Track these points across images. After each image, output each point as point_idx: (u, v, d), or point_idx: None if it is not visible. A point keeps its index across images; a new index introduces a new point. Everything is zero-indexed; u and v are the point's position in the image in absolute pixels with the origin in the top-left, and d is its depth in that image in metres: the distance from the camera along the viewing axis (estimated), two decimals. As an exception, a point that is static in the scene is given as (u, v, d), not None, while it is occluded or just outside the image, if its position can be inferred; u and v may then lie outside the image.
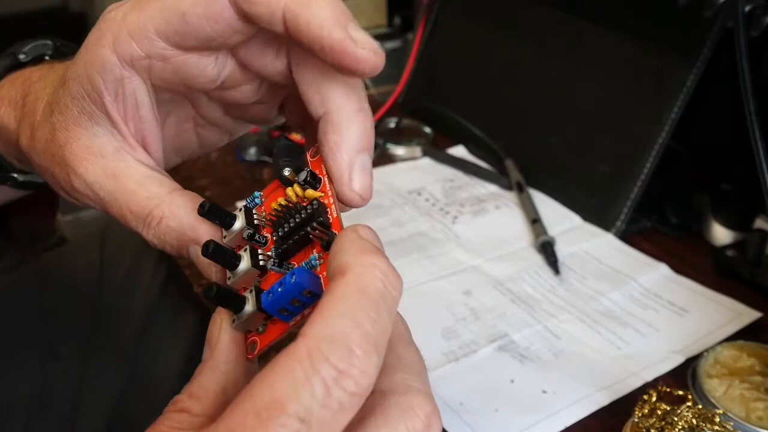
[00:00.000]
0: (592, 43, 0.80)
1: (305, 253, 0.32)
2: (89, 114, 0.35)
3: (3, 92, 0.42)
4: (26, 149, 0.39)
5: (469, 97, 0.92)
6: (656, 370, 0.56)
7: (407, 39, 1.11)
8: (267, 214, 0.34)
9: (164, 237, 0.35)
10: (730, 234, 0.70)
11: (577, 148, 0.79)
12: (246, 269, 0.32)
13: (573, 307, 0.64)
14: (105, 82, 0.34)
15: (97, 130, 0.36)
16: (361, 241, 0.28)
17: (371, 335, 0.25)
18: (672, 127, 0.71)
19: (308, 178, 0.33)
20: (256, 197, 0.35)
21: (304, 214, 0.32)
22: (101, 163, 0.36)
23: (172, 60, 0.34)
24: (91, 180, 0.36)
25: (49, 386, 0.63)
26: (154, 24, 0.33)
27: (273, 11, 0.32)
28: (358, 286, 0.26)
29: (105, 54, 0.34)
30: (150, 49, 0.34)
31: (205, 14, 0.32)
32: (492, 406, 0.53)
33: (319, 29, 0.31)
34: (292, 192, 0.33)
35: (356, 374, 0.25)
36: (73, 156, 0.36)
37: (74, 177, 0.36)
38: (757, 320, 0.61)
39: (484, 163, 0.86)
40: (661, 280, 0.67)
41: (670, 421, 0.46)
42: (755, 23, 0.64)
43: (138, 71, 0.35)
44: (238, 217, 0.34)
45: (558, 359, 0.58)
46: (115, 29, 0.34)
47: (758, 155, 0.61)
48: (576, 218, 0.76)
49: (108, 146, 0.36)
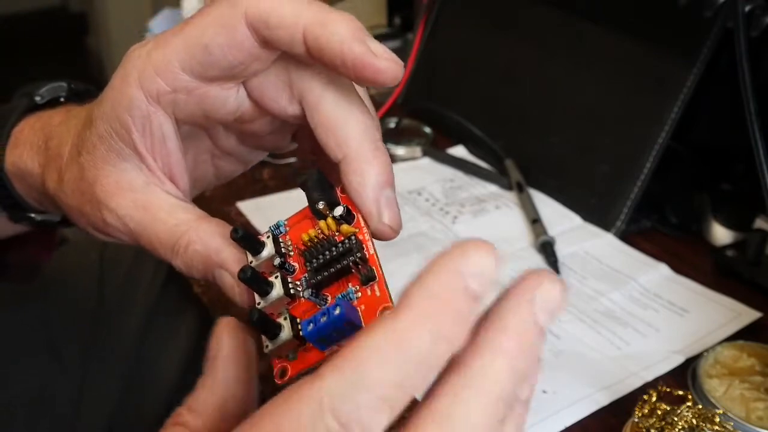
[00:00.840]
0: (592, 43, 0.80)
1: (339, 285, 0.34)
2: (117, 151, 0.37)
3: (24, 136, 0.44)
4: (53, 191, 0.40)
5: (469, 97, 0.92)
6: (656, 370, 0.56)
7: (407, 39, 1.11)
8: (296, 244, 0.35)
9: (191, 262, 0.36)
10: (730, 234, 0.70)
11: (577, 148, 0.79)
12: (278, 296, 0.34)
13: (573, 307, 0.64)
14: (133, 119, 0.36)
15: (126, 166, 0.37)
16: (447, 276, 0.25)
17: (389, 396, 0.24)
18: (672, 127, 0.71)
19: (344, 214, 0.34)
20: (280, 225, 0.36)
21: (341, 248, 0.33)
22: (131, 196, 0.37)
23: (195, 92, 0.36)
24: (122, 213, 0.37)
25: (50, 386, 0.63)
26: (179, 58, 0.34)
27: (293, 34, 0.33)
28: (399, 339, 0.24)
29: (132, 92, 0.35)
30: (175, 83, 0.35)
31: (227, 44, 0.34)
32: (492, 406, 0.53)
33: (340, 45, 0.32)
34: (325, 225, 0.34)
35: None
36: (104, 192, 0.37)
37: (106, 212, 0.37)
38: (757, 320, 0.61)
39: (484, 163, 0.86)
40: (661, 280, 0.67)
41: (670, 421, 0.46)
42: (755, 23, 0.64)
43: (163, 106, 0.36)
44: (267, 245, 0.35)
45: (558, 359, 0.58)
46: (141, 67, 0.35)
47: (758, 155, 0.61)
48: (576, 218, 0.76)
49: (137, 180, 0.37)
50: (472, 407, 0.25)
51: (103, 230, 0.39)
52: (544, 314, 0.26)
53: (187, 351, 0.66)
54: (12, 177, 0.44)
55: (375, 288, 0.33)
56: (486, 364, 0.25)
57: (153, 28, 1.21)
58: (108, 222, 0.38)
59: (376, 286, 0.33)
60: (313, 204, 0.34)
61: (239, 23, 0.33)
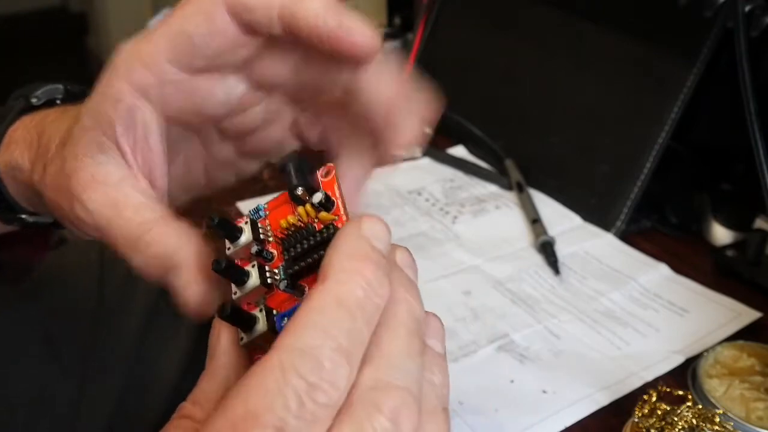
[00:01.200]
0: (592, 43, 0.80)
1: (317, 275, 0.32)
2: (99, 144, 0.37)
3: (18, 135, 0.44)
4: (38, 185, 0.40)
5: (469, 97, 0.92)
6: (656, 370, 0.56)
7: (407, 39, 1.11)
8: (275, 231, 0.34)
9: (150, 261, 0.35)
10: (730, 234, 0.70)
11: (577, 148, 0.79)
12: (254, 286, 0.33)
13: (573, 307, 0.64)
14: (117, 112, 0.36)
15: (104, 159, 0.37)
16: (355, 241, 0.29)
17: (343, 347, 0.26)
18: (672, 127, 0.71)
19: (323, 201, 0.33)
20: (260, 209, 0.35)
21: (319, 238, 0.33)
22: (103, 190, 0.36)
23: (183, 85, 0.36)
24: (92, 207, 0.36)
25: (50, 386, 0.63)
26: (164, 50, 0.35)
27: (270, 15, 0.33)
28: (336, 296, 0.27)
29: (119, 85, 0.36)
30: (162, 75, 0.35)
31: (208, 32, 0.34)
32: (492, 406, 0.53)
33: (315, 19, 0.32)
34: (303, 211, 0.34)
35: (326, 387, 0.25)
36: (78, 184, 0.37)
37: (77, 205, 0.37)
38: (757, 320, 0.61)
39: (484, 163, 0.86)
40: (661, 280, 0.67)
41: (670, 421, 0.46)
42: (755, 23, 0.64)
43: (151, 101, 0.36)
44: (245, 231, 0.34)
45: (558, 359, 0.58)
46: (129, 61, 0.36)
47: (758, 155, 0.61)
48: (576, 218, 0.76)
49: (113, 175, 0.37)
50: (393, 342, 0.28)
51: (75, 224, 0.38)
52: (410, 270, 0.32)
53: (187, 351, 0.66)
54: (4, 177, 0.44)
55: None
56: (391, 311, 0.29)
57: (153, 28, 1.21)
58: (78, 216, 0.37)
59: None
60: (292, 189, 0.34)
61: (219, 10, 0.34)
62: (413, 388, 0.28)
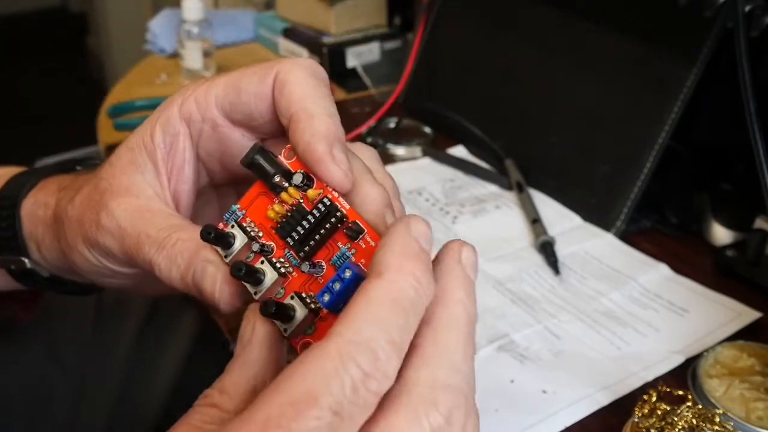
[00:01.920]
0: (592, 43, 0.80)
1: (327, 249, 0.34)
2: (138, 164, 0.40)
3: (52, 181, 0.47)
4: (61, 210, 0.43)
5: (469, 97, 0.92)
6: (656, 370, 0.56)
7: (407, 39, 1.12)
8: (262, 225, 0.35)
9: (175, 257, 0.37)
10: (730, 234, 0.70)
11: (577, 148, 0.79)
12: (273, 279, 0.34)
13: (573, 307, 0.64)
14: (164, 135, 0.40)
15: (139, 178, 0.40)
16: (407, 240, 0.30)
17: (396, 342, 0.28)
18: (672, 127, 0.71)
19: (304, 180, 0.34)
20: (235, 210, 0.36)
21: (317, 213, 0.34)
22: (134, 202, 0.39)
23: (220, 130, 0.40)
24: (118, 213, 0.39)
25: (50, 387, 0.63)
26: (216, 94, 0.39)
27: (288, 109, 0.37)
28: (392, 294, 0.29)
29: (170, 111, 0.40)
30: (206, 113, 0.39)
31: (255, 92, 0.38)
32: (492, 406, 0.53)
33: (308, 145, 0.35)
34: (287, 196, 0.34)
35: (379, 376, 0.27)
36: (111, 194, 0.40)
37: (104, 213, 0.39)
38: (757, 320, 0.61)
39: (484, 163, 0.86)
40: (661, 280, 0.67)
41: (670, 421, 0.46)
42: (755, 23, 0.64)
43: (192, 134, 0.40)
44: (236, 235, 0.35)
45: (558, 359, 0.58)
46: (185, 95, 0.40)
47: (758, 155, 0.61)
48: (576, 218, 0.76)
49: (146, 191, 0.40)
50: (451, 343, 0.30)
51: (93, 236, 0.40)
52: (471, 270, 0.33)
53: (186, 352, 0.66)
54: (25, 215, 0.46)
55: (367, 239, 0.33)
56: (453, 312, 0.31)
57: (153, 28, 1.21)
58: (101, 224, 0.39)
59: (367, 237, 0.33)
60: (270, 179, 0.35)
61: (269, 78, 0.38)
62: (466, 390, 0.30)
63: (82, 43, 3.35)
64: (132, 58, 1.42)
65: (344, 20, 1.11)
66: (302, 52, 1.13)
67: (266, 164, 0.35)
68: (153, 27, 1.21)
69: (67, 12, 3.86)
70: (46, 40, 3.60)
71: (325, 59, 1.08)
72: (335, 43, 1.10)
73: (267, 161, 0.35)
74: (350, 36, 1.11)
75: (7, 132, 2.77)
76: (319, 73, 0.38)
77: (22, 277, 0.48)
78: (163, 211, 0.39)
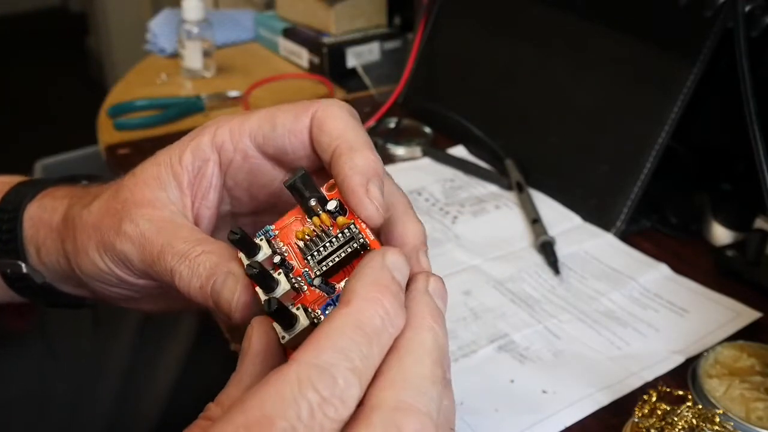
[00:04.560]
0: (592, 43, 0.80)
1: (343, 274, 0.35)
2: (162, 180, 0.41)
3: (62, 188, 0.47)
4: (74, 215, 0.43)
5: (469, 97, 0.92)
6: (656, 370, 0.56)
7: (407, 39, 1.12)
8: (288, 244, 0.37)
9: (198, 267, 0.38)
10: (730, 234, 0.70)
11: (577, 148, 0.79)
12: (284, 291, 0.35)
13: (573, 307, 0.64)
14: (194, 159, 0.40)
15: (163, 195, 0.40)
16: (379, 271, 0.31)
17: (357, 368, 0.28)
18: (672, 127, 0.71)
19: (338, 207, 0.36)
20: (268, 230, 0.37)
21: (342, 238, 0.35)
22: (159, 214, 0.40)
23: (250, 161, 0.41)
24: (143, 224, 0.40)
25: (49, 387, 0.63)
26: (251, 126, 0.40)
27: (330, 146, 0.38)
28: (356, 321, 0.29)
29: (203, 138, 0.41)
30: (239, 144, 0.40)
31: (290, 128, 0.39)
32: (492, 406, 0.53)
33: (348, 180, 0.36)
34: (318, 221, 0.36)
35: (337, 403, 0.28)
36: (134, 204, 0.40)
37: (127, 222, 0.40)
38: (757, 320, 0.61)
39: (484, 163, 0.86)
40: (661, 280, 0.67)
41: (670, 421, 0.46)
42: (755, 23, 0.64)
43: (221, 162, 0.41)
44: (262, 247, 0.36)
45: (558, 359, 0.58)
46: (219, 124, 0.41)
47: (758, 155, 0.61)
48: (576, 218, 0.76)
49: (169, 206, 0.40)
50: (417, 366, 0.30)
51: (111, 242, 0.40)
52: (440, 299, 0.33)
53: (185, 353, 0.66)
54: (27, 220, 0.46)
55: None
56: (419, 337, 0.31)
57: (153, 28, 1.21)
58: (123, 230, 0.40)
59: None
60: (306, 202, 0.36)
61: (306, 115, 0.39)
62: (433, 413, 0.30)
63: (82, 43, 3.35)
64: (132, 58, 1.42)
65: (344, 20, 1.11)
66: (302, 52, 1.13)
67: (305, 188, 0.36)
68: (153, 27, 1.21)
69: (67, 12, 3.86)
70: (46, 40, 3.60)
71: (325, 59, 1.08)
72: (335, 43, 1.10)
73: (307, 186, 0.36)
74: (350, 36, 1.11)
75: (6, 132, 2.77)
76: (355, 113, 0.39)
77: (16, 282, 0.47)
78: (187, 225, 0.40)
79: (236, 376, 0.33)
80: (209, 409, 0.32)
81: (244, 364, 0.33)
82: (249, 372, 0.33)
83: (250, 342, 0.34)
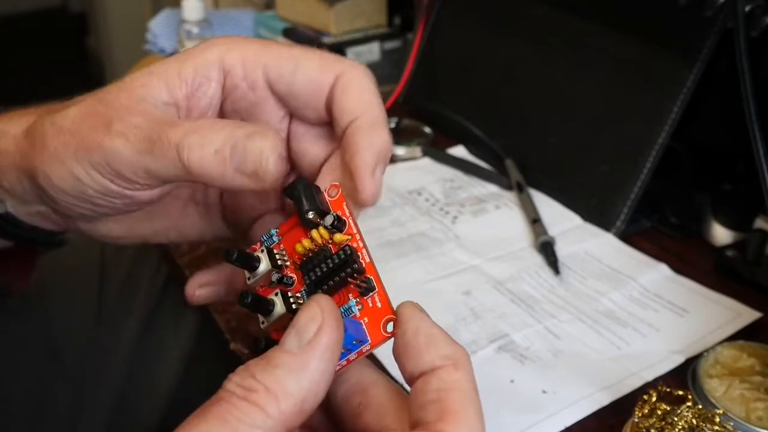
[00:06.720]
0: (592, 43, 0.80)
1: (341, 295, 0.34)
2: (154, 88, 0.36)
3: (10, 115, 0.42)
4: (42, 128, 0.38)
5: (469, 97, 0.92)
6: (656, 370, 0.56)
7: (407, 39, 1.11)
8: (292, 255, 0.35)
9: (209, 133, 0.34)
10: (730, 234, 0.70)
11: (577, 148, 0.79)
12: (281, 314, 0.34)
13: (573, 307, 0.64)
14: (195, 75, 0.36)
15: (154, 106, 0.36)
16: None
17: None
18: (672, 127, 0.71)
19: (335, 222, 0.34)
20: (272, 235, 0.36)
21: (337, 260, 0.33)
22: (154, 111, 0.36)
23: (256, 92, 0.37)
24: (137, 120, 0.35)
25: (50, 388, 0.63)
26: (267, 59, 0.37)
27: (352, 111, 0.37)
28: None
29: (209, 55, 0.37)
30: (250, 73, 0.37)
31: (312, 78, 0.37)
32: (492, 406, 0.53)
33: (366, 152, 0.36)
34: (318, 234, 0.34)
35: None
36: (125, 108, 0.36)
37: (116, 121, 0.35)
38: (757, 320, 0.61)
39: (484, 163, 0.86)
40: (661, 280, 0.67)
41: (670, 421, 0.46)
42: (755, 23, 0.64)
43: (227, 83, 0.37)
44: (262, 259, 0.35)
45: (558, 359, 0.58)
46: (231, 46, 0.37)
47: (758, 155, 0.61)
48: (576, 218, 0.76)
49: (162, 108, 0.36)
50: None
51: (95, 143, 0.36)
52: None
53: (186, 352, 0.66)
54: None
55: (375, 299, 0.33)
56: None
57: (153, 28, 1.21)
58: (113, 129, 0.35)
59: (376, 297, 0.33)
60: (303, 214, 0.34)
61: (331, 72, 0.37)
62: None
63: (82, 43, 3.35)
64: (132, 58, 1.42)
65: (344, 20, 1.11)
66: (302, 52, 1.13)
67: (303, 199, 0.34)
68: (153, 27, 1.21)
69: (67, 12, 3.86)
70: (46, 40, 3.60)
71: (325, 59, 1.08)
72: (335, 43, 1.10)
73: (306, 196, 0.35)
74: (350, 36, 1.11)
75: (7, 132, 2.76)
76: (375, 83, 0.38)
77: None
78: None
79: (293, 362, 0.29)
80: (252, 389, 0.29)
81: (306, 353, 0.29)
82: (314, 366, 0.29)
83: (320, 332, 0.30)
